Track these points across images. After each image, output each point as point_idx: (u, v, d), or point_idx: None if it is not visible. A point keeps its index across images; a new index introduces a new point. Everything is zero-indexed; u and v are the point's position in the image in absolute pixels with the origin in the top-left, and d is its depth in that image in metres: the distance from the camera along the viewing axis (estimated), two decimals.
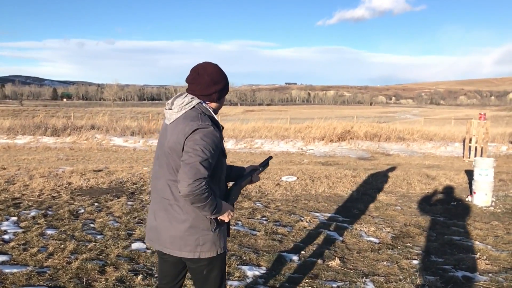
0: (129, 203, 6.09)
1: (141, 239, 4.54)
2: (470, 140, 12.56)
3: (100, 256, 4.01)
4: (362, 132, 15.24)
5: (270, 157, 2.61)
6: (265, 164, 2.51)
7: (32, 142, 13.19)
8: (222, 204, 2.10)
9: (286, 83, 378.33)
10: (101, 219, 5.23)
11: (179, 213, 2.09)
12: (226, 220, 2.17)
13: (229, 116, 48.07)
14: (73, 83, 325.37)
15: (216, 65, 2.19)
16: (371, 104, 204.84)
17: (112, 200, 6.20)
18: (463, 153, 13.18)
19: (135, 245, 4.35)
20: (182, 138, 1.99)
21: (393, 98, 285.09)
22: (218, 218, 2.13)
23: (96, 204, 5.99)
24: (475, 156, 12.33)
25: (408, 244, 4.84)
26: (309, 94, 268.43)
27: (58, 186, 6.92)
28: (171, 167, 2.07)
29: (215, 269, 2.21)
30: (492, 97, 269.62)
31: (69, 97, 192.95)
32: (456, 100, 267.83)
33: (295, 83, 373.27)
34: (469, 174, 8.90)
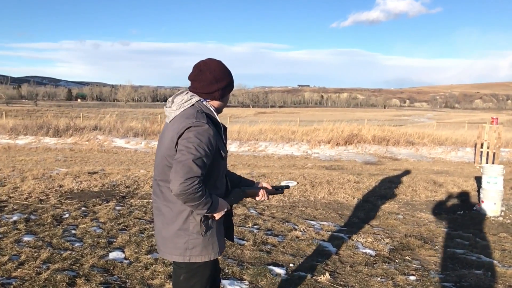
0: (118, 207, 5.86)
1: (121, 248, 4.30)
2: (482, 145, 12.09)
3: (73, 266, 3.78)
4: (370, 136, 14.85)
5: (288, 187, 2.57)
6: (279, 188, 2.43)
7: (33, 142, 13.10)
8: (219, 201, 2.02)
9: (299, 85, 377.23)
10: (84, 225, 5.01)
11: (169, 214, 2.03)
12: (217, 218, 2.06)
13: (240, 118, 47.83)
14: (87, 84, 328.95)
15: (219, 62, 2.12)
16: (384, 107, 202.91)
17: (100, 204, 5.99)
18: (474, 159, 12.71)
19: (113, 255, 4.11)
20: (175, 137, 1.94)
21: (407, 101, 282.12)
22: (211, 215, 2.04)
23: (83, 208, 5.78)
24: (487, 162, 11.86)
25: (407, 258, 4.50)
26: (322, 96, 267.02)
27: (48, 189, 6.73)
28: (162, 167, 2.03)
29: (195, 277, 2.11)
30: (509, 101, 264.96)
31: (83, 97, 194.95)
32: (472, 104, 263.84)
33: (308, 86, 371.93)
34: (479, 181, 8.47)
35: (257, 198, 2.31)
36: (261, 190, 2.30)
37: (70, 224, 5.05)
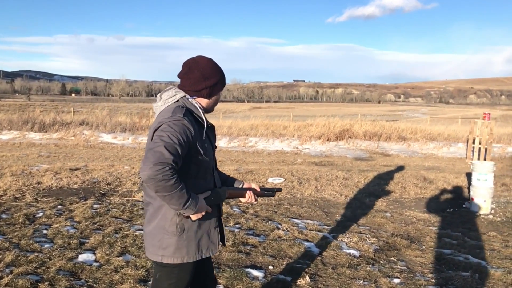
0: (96, 206, 5.65)
1: (92, 249, 4.09)
2: (474, 140, 11.96)
3: (39, 270, 3.57)
4: (361, 131, 14.67)
5: (280, 189, 2.41)
6: (269, 191, 2.29)
7: (18, 137, 12.78)
8: (199, 200, 1.90)
9: (294, 80, 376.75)
10: (57, 225, 4.79)
11: (150, 209, 2.00)
12: (194, 218, 1.94)
13: (235, 113, 47.55)
14: (82, 78, 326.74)
15: (209, 60, 2.07)
16: (379, 102, 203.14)
17: (78, 202, 5.76)
18: (466, 155, 12.59)
19: (83, 257, 3.90)
20: (151, 131, 1.91)
21: (402, 96, 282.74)
22: (186, 214, 1.91)
23: (59, 206, 5.55)
24: (479, 157, 11.73)
25: (392, 259, 4.33)
26: (317, 91, 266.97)
27: (26, 186, 6.50)
28: None
29: (169, 278, 2.02)
30: (503, 96, 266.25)
31: (77, 92, 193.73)
32: (466, 99, 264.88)
33: (303, 81, 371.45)
34: (470, 177, 8.33)
35: (243, 200, 2.19)
36: (248, 192, 2.17)
37: (42, 223, 4.83)
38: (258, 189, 2.23)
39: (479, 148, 11.78)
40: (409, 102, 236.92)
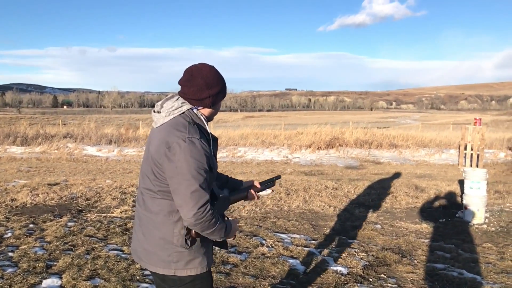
0: (70, 224, 5.34)
1: (59, 273, 3.79)
2: (465, 147, 11.78)
3: None
4: (352, 139, 14.45)
5: (279, 177, 2.43)
6: (269, 182, 2.31)
7: None
8: (232, 224, 1.97)
9: (287, 89, 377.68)
10: (25, 246, 4.48)
11: (150, 225, 1.92)
12: (232, 240, 1.94)
13: (228, 122, 47.30)
14: (74, 90, 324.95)
15: (212, 67, 1.99)
16: (371, 110, 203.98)
17: (52, 220, 5.45)
18: (458, 161, 12.40)
19: (47, 282, 3.59)
20: (163, 148, 1.79)
21: (394, 103, 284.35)
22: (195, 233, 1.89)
23: (31, 225, 5.24)
24: (471, 164, 11.55)
25: (382, 276, 4.06)
26: (309, 100, 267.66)
27: None
28: (148, 176, 1.90)
29: None
30: (493, 102, 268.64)
31: (69, 104, 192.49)
32: (457, 105, 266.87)
33: (296, 89, 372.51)
34: (463, 184, 8.12)
35: (246, 199, 2.21)
36: (250, 191, 2.19)
37: (10, 244, 4.52)
38: (258, 185, 2.24)
39: (471, 154, 11.60)
40: (401, 108, 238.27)
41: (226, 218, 2.03)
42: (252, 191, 2.20)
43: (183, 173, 1.75)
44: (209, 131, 1.95)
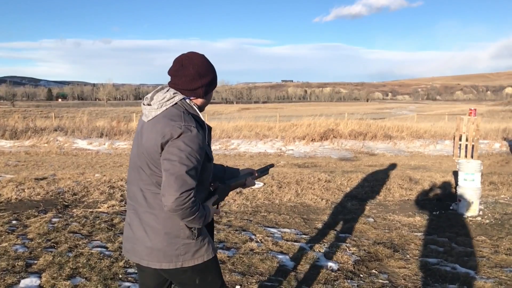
0: (54, 220, 5.19)
1: (39, 272, 3.65)
2: (460, 137, 11.69)
3: None
4: (347, 131, 14.33)
5: (272, 165, 2.53)
6: (263, 170, 2.41)
7: None
8: (209, 210, 1.91)
9: (283, 81, 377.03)
10: (6, 243, 4.33)
11: (154, 221, 1.88)
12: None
13: (223, 115, 47.00)
14: (68, 83, 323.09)
15: (203, 56, 1.96)
16: (367, 101, 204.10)
17: (36, 216, 5.30)
18: (453, 152, 12.32)
19: (25, 282, 3.45)
20: (160, 140, 1.76)
21: (390, 94, 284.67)
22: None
23: (13, 222, 5.09)
24: (466, 154, 11.47)
25: (373, 271, 3.96)
26: (305, 91, 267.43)
27: None
28: (145, 171, 1.87)
29: (208, 274, 1.99)
30: (488, 92, 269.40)
31: (64, 97, 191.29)
32: (453, 96, 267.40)
33: (292, 81, 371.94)
34: (457, 176, 8.04)
35: (244, 187, 2.26)
36: (248, 178, 2.22)
37: None
38: (256, 173, 2.30)
39: (466, 145, 11.52)
40: (397, 99, 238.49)
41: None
42: (249, 178, 2.23)
43: (172, 158, 1.73)
44: (204, 121, 1.93)
